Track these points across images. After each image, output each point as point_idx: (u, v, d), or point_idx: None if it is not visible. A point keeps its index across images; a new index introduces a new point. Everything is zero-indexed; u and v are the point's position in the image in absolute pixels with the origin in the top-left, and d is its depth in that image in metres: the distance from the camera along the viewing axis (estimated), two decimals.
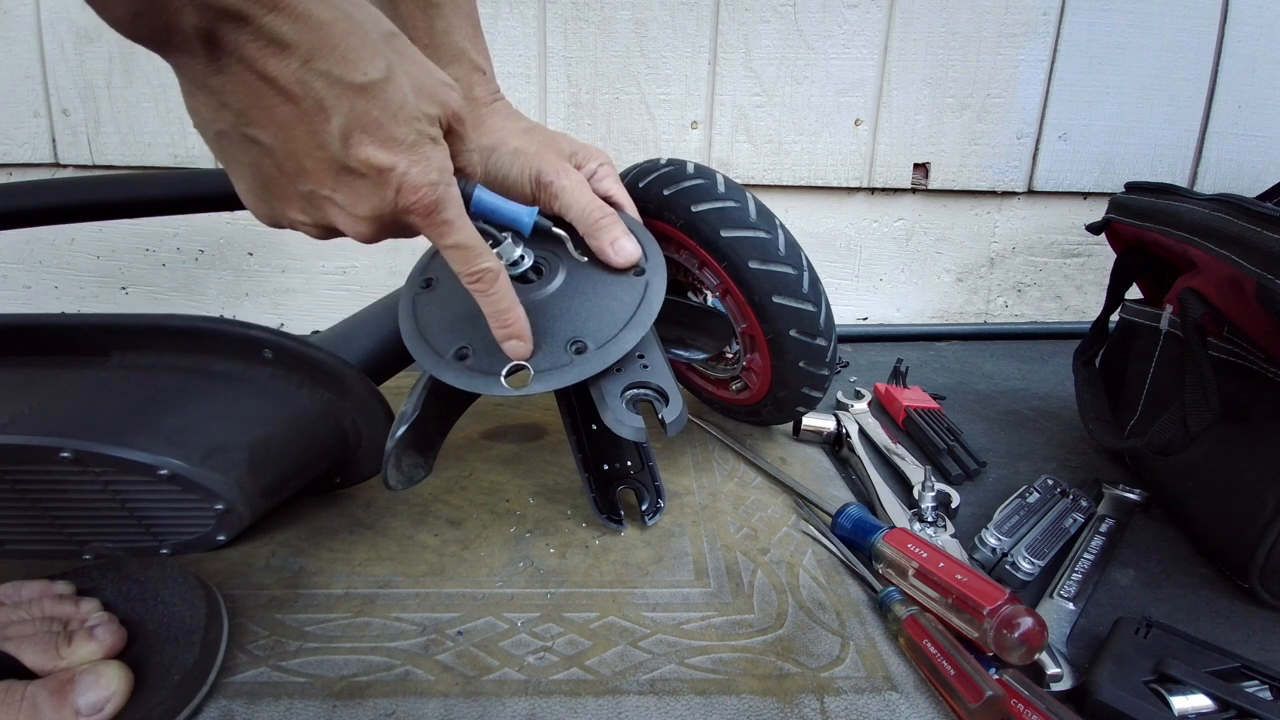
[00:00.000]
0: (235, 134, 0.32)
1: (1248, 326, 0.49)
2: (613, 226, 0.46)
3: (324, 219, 0.35)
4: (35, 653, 0.34)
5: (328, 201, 0.34)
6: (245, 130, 0.31)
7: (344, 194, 0.33)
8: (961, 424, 0.71)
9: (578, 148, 0.50)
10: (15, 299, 0.94)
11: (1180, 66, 0.98)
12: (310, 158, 0.32)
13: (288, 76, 0.30)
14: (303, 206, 0.35)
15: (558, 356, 0.43)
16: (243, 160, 0.33)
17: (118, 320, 0.46)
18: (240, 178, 0.35)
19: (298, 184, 0.33)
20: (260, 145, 0.32)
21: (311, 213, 0.35)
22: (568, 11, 0.90)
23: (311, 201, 0.34)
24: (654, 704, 0.36)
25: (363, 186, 0.33)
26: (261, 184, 0.34)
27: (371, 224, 0.35)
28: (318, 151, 0.32)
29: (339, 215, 0.34)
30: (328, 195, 0.33)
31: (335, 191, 0.33)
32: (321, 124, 0.31)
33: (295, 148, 0.32)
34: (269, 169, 0.33)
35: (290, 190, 0.34)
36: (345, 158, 0.32)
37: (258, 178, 0.34)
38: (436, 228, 0.36)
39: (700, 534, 0.51)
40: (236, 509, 0.43)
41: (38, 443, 0.40)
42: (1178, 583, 0.49)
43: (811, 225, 1.02)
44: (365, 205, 0.34)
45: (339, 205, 0.34)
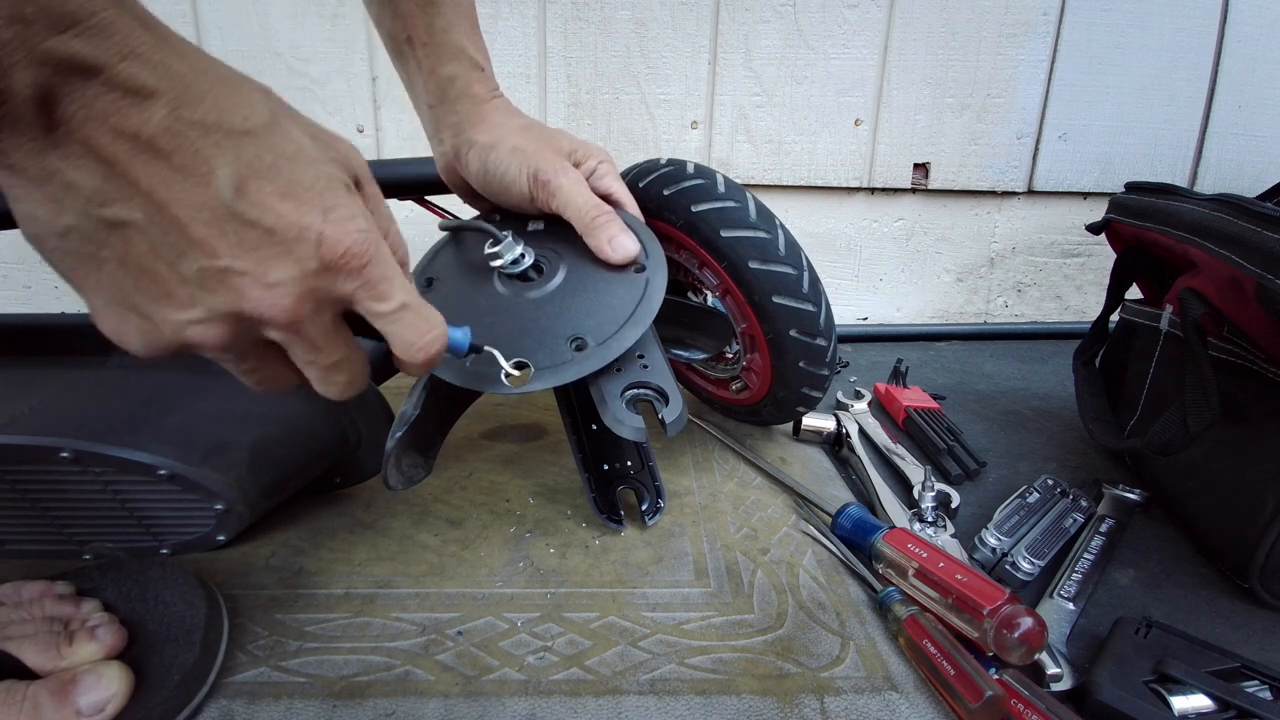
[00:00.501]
0: (88, 224, 0.25)
1: (1248, 326, 0.49)
2: (610, 224, 0.46)
3: (227, 302, 0.27)
4: (36, 653, 0.34)
5: (228, 275, 0.26)
6: (102, 213, 0.24)
7: (249, 258, 0.26)
8: (961, 424, 0.71)
9: (577, 145, 0.50)
10: (15, 299, 0.94)
11: (1180, 66, 0.98)
12: (197, 222, 0.25)
13: (154, 127, 0.24)
14: (194, 296, 0.26)
15: (558, 354, 0.43)
16: (102, 257, 0.26)
17: None
18: (100, 288, 0.26)
19: (183, 264, 0.26)
20: (125, 227, 0.25)
21: (208, 300, 0.26)
22: (568, 11, 0.90)
23: (205, 283, 0.26)
24: (654, 704, 0.36)
25: (270, 246, 0.26)
26: (134, 282, 0.26)
27: (294, 290, 0.27)
28: (204, 213, 0.25)
29: (248, 289, 0.26)
30: (226, 266, 0.26)
31: (236, 258, 0.26)
32: (204, 175, 0.25)
33: (176, 213, 0.25)
34: (140, 256, 0.25)
35: (173, 278, 0.26)
36: (242, 208, 0.26)
37: (126, 277, 0.26)
38: (374, 288, 0.29)
39: (700, 534, 0.51)
40: (236, 509, 0.44)
41: (38, 443, 0.40)
42: (1178, 583, 0.49)
43: (811, 225, 1.02)
44: (280, 268, 0.27)
45: (244, 274, 0.26)
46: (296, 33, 0.88)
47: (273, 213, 0.26)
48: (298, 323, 0.28)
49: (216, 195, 0.25)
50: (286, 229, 0.26)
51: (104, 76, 0.23)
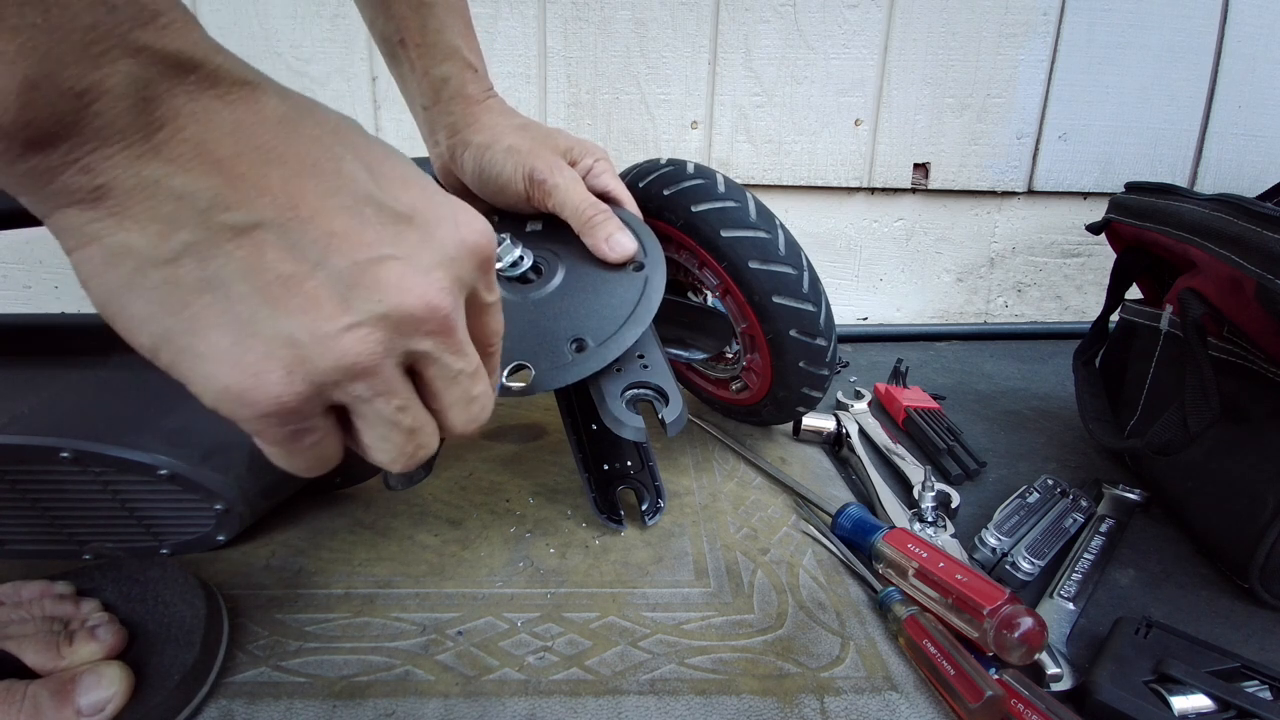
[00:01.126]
0: (207, 238, 0.21)
1: (1248, 326, 0.49)
2: (606, 223, 0.46)
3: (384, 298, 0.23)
4: (36, 652, 0.34)
5: (381, 264, 0.23)
6: (227, 219, 0.21)
7: (399, 245, 0.23)
8: (961, 424, 0.71)
9: (573, 144, 0.50)
10: (15, 299, 0.94)
11: (1180, 66, 0.98)
12: (338, 212, 0.22)
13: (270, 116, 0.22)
14: (344, 300, 0.22)
15: (559, 355, 0.43)
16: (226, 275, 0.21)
17: None
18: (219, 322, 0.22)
19: (331, 261, 0.22)
20: (255, 230, 0.21)
21: (361, 300, 0.23)
22: (568, 11, 0.90)
23: (358, 280, 0.23)
24: (654, 704, 0.36)
25: (415, 231, 0.24)
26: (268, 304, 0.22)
27: (447, 277, 0.25)
28: (343, 199, 0.23)
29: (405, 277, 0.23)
30: (379, 255, 0.23)
31: (387, 245, 0.23)
32: (333, 161, 0.23)
33: (313, 206, 0.22)
34: (277, 262, 0.22)
35: (317, 284, 0.22)
36: (380, 197, 0.23)
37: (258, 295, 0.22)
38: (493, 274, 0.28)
39: (700, 534, 0.51)
40: (236, 509, 0.44)
41: (38, 443, 0.40)
42: (1178, 583, 0.49)
43: (811, 225, 1.02)
44: (429, 251, 0.24)
45: (399, 259, 0.23)
46: (296, 33, 0.88)
47: (407, 197, 0.24)
48: (451, 320, 0.25)
49: (352, 181, 0.23)
50: (424, 213, 0.24)
51: (204, 69, 0.20)
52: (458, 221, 0.25)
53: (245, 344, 0.22)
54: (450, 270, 0.25)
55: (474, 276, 0.26)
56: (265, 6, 0.87)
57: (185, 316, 0.21)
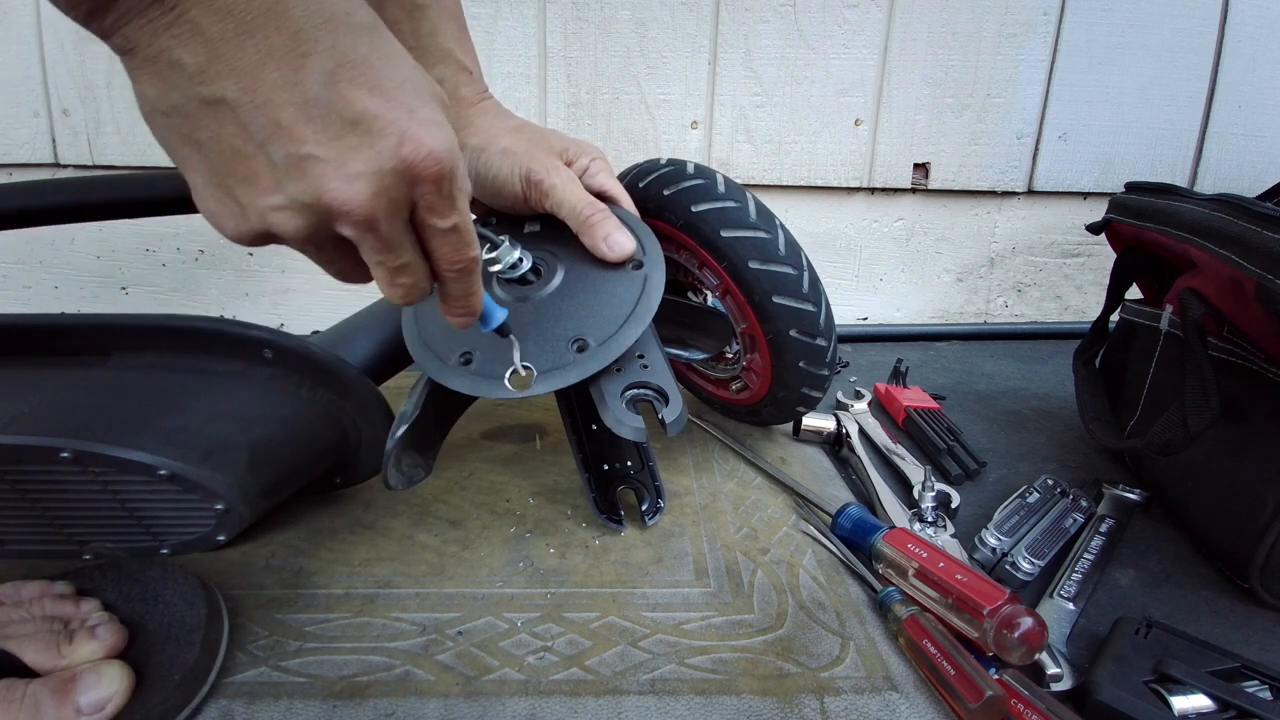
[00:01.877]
0: (189, 102, 0.26)
1: (1248, 326, 0.49)
2: (604, 222, 0.46)
3: (308, 190, 0.27)
4: (36, 652, 0.34)
5: (310, 161, 0.27)
6: (201, 91, 0.25)
7: (331, 147, 0.27)
8: (961, 424, 0.71)
9: (569, 144, 0.50)
10: (15, 299, 0.94)
11: (1180, 66, 0.98)
12: (286, 106, 0.26)
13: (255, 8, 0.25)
14: (277, 180, 0.27)
15: (560, 355, 0.43)
16: (200, 138, 0.27)
17: (118, 320, 0.46)
18: (197, 167, 0.28)
19: (270, 148, 0.26)
20: (220, 105, 0.26)
21: (290, 185, 0.27)
22: (568, 11, 0.90)
23: (290, 168, 0.27)
24: (654, 704, 0.36)
25: (353, 137, 0.27)
26: (226, 163, 0.27)
27: (371, 184, 0.27)
28: (294, 93, 0.26)
29: (327, 178, 0.27)
30: (309, 153, 0.26)
31: (319, 145, 0.26)
32: (298, 59, 0.25)
33: (266, 96, 0.25)
34: (233, 136, 0.26)
35: (260, 162, 0.27)
36: (330, 98, 0.26)
37: (220, 155, 0.27)
38: (442, 200, 0.30)
39: (700, 534, 0.51)
40: (236, 509, 0.43)
41: (38, 443, 0.40)
42: (1178, 583, 0.49)
43: (811, 225, 1.02)
44: (359, 160, 0.27)
45: (325, 161, 0.27)
46: None
47: (360, 103, 0.26)
48: (371, 219, 0.28)
49: (308, 81, 0.26)
50: (371, 121, 0.27)
51: None
52: (403, 136, 0.27)
53: (210, 190, 0.28)
54: (378, 180, 0.27)
55: (412, 192, 0.29)
56: None
57: (179, 156, 0.28)
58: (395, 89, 0.27)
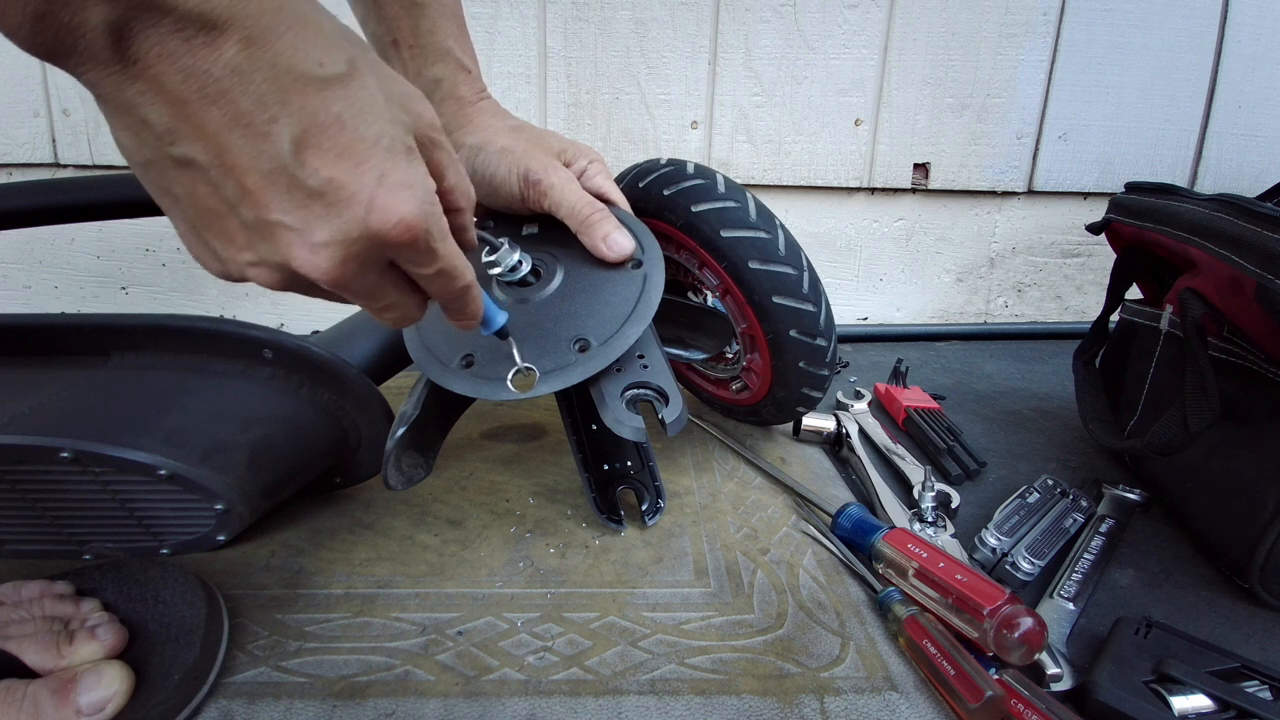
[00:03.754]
0: (162, 159, 0.25)
1: (1248, 326, 0.49)
2: (603, 222, 0.46)
3: (276, 254, 0.27)
4: (36, 652, 0.34)
5: (278, 229, 0.26)
6: (172, 151, 0.25)
7: (297, 215, 0.26)
8: (961, 424, 0.71)
9: (566, 145, 0.50)
10: (15, 299, 0.94)
11: (1180, 66, 0.98)
12: (252, 173, 0.25)
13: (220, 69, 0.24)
14: (249, 241, 0.27)
15: (562, 356, 0.43)
16: (176, 193, 0.27)
17: (118, 320, 0.46)
18: (177, 217, 0.28)
19: (240, 211, 0.26)
20: (191, 167, 0.25)
21: (261, 247, 0.27)
22: (568, 11, 0.90)
23: (259, 232, 0.27)
24: (654, 704, 0.36)
25: (319, 206, 0.26)
26: (201, 219, 0.27)
27: (337, 254, 0.27)
28: (262, 164, 0.25)
29: (294, 247, 0.27)
30: (276, 220, 0.26)
31: (285, 213, 0.26)
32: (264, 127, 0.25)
33: (233, 162, 0.25)
34: (206, 197, 0.26)
35: (232, 222, 0.27)
36: (299, 170, 0.25)
37: (195, 212, 0.27)
38: (421, 255, 0.30)
39: (700, 534, 0.51)
40: (236, 509, 0.44)
41: (38, 443, 0.40)
42: (1178, 583, 0.49)
43: (811, 225, 1.02)
44: (325, 229, 0.27)
45: (292, 230, 0.27)
46: None
47: (325, 171, 0.26)
48: (340, 283, 0.28)
49: (274, 148, 0.25)
50: (337, 192, 0.26)
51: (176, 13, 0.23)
52: (370, 206, 0.27)
53: (190, 237, 0.29)
54: (345, 249, 0.27)
55: (387, 254, 0.29)
56: None
57: (161, 201, 0.28)
58: (366, 151, 0.26)
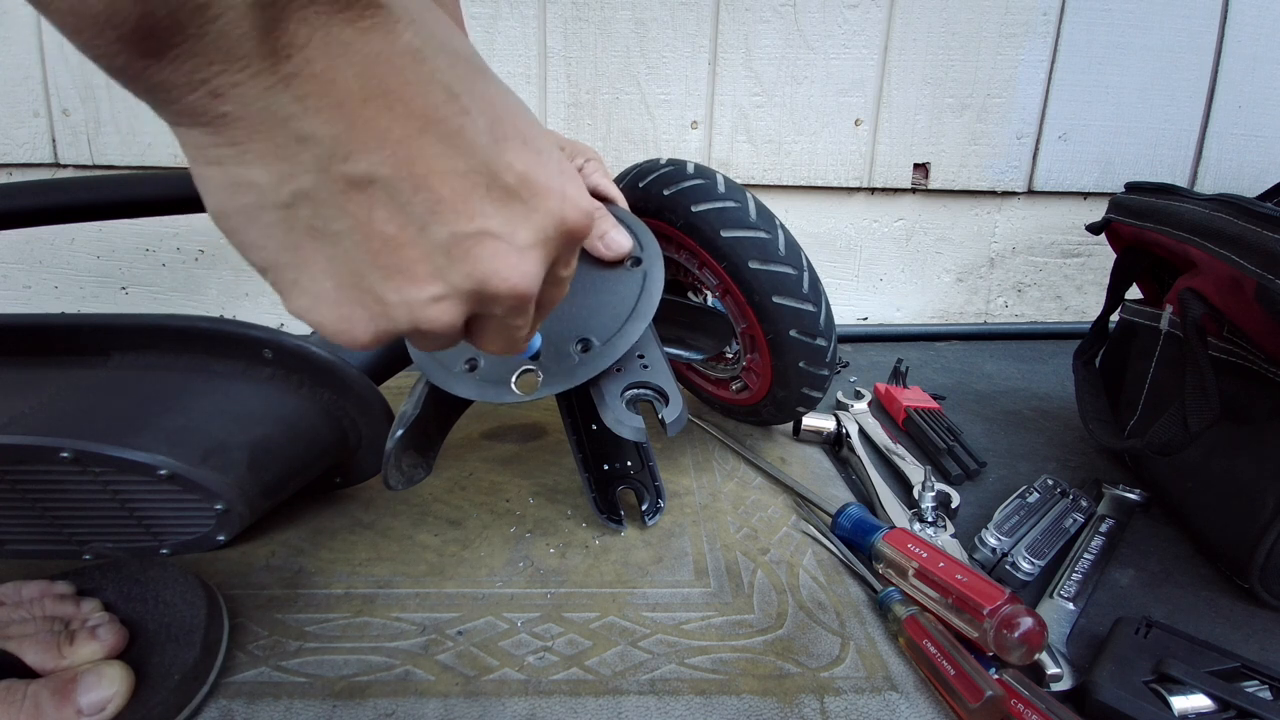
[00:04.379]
0: (325, 186, 0.20)
1: (1248, 326, 0.49)
2: (601, 221, 0.46)
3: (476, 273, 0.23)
4: (37, 652, 0.34)
5: (480, 239, 0.22)
6: (344, 169, 0.20)
7: (501, 219, 0.23)
8: (961, 424, 0.71)
9: (564, 144, 0.50)
10: (15, 299, 0.94)
11: (1180, 66, 0.98)
12: (450, 176, 0.21)
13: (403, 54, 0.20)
14: (438, 268, 0.23)
15: (565, 357, 0.43)
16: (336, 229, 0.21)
17: (118, 320, 0.46)
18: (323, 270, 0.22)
19: (432, 230, 0.22)
20: (370, 186, 0.21)
21: (454, 271, 0.23)
22: (568, 11, 0.90)
23: (453, 251, 0.22)
24: (654, 704, 0.36)
25: (519, 204, 0.23)
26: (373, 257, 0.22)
27: (540, 256, 0.24)
28: (459, 163, 0.21)
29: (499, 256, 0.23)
30: (479, 229, 0.22)
31: (489, 218, 0.22)
32: (457, 120, 0.21)
33: (426, 167, 0.21)
34: (384, 223, 0.21)
35: (416, 251, 0.22)
36: (494, 164, 0.22)
37: (366, 249, 0.22)
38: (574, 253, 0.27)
39: (700, 534, 0.51)
40: (236, 509, 0.43)
41: (38, 443, 0.40)
42: (1178, 583, 0.49)
43: (811, 225, 1.02)
44: (529, 229, 0.23)
45: (496, 238, 0.23)
46: None
47: (519, 164, 0.23)
48: (530, 296, 0.24)
49: (471, 144, 0.21)
50: (531, 186, 0.23)
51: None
52: (565, 197, 0.24)
53: (344, 292, 0.22)
54: (544, 249, 0.24)
55: (563, 252, 0.26)
56: None
57: (295, 255, 0.22)
58: (541, 140, 0.24)
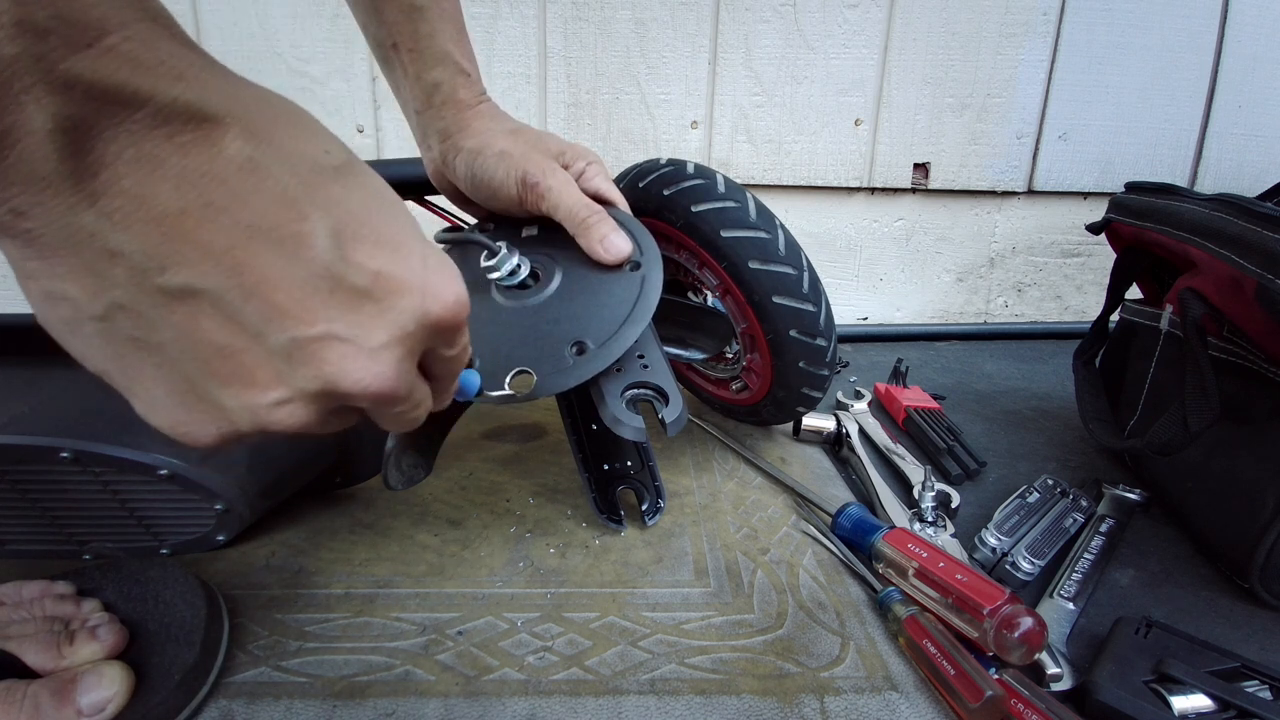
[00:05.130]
0: (142, 299, 0.20)
1: (1248, 326, 0.49)
2: (600, 224, 0.46)
3: (320, 376, 0.22)
4: (37, 652, 0.34)
5: (323, 344, 0.22)
6: (161, 281, 0.19)
7: (347, 322, 0.22)
8: (961, 424, 0.71)
9: (565, 147, 0.50)
10: (15, 299, 0.94)
11: (1180, 66, 0.98)
12: (285, 284, 0.20)
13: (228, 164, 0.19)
14: (279, 374, 0.22)
15: (560, 359, 0.43)
16: (160, 341, 0.21)
17: None
18: (153, 379, 0.22)
19: (269, 337, 0.21)
20: (193, 298, 0.20)
21: (297, 376, 0.22)
22: (568, 11, 0.90)
23: (295, 355, 0.22)
24: (654, 704, 0.36)
25: (370, 305, 0.22)
26: (202, 366, 0.21)
27: (396, 353, 0.23)
28: (297, 270, 0.21)
29: (347, 359, 0.22)
30: (321, 333, 0.21)
31: (334, 322, 0.22)
32: (294, 227, 0.20)
33: (258, 277, 0.20)
34: (212, 333, 0.21)
35: (253, 357, 0.21)
36: (340, 268, 0.21)
37: (193, 359, 0.21)
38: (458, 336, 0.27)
39: (700, 534, 0.51)
40: (236, 509, 0.44)
41: (38, 443, 0.40)
42: (1178, 583, 0.49)
43: (811, 225, 1.02)
44: (382, 329, 0.23)
45: (344, 340, 0.22)
46: (297, 33, 0.88)
47: (372, 264, 0.22)
48: (397, 388, 0.24)
49: (311, 250, 0.21)
50: (386, 284, 0.22)
51: (153, 104, 0.18)
52: (425, 292, 0.23)
53: (176, 399, 0.22)
54: (403, 345, 0.24)
55: (433, 343, 0.25)
56: (265, 6, 0.87)
57: (121, 366, 0.21)
58: (402, 236, 0.23)
